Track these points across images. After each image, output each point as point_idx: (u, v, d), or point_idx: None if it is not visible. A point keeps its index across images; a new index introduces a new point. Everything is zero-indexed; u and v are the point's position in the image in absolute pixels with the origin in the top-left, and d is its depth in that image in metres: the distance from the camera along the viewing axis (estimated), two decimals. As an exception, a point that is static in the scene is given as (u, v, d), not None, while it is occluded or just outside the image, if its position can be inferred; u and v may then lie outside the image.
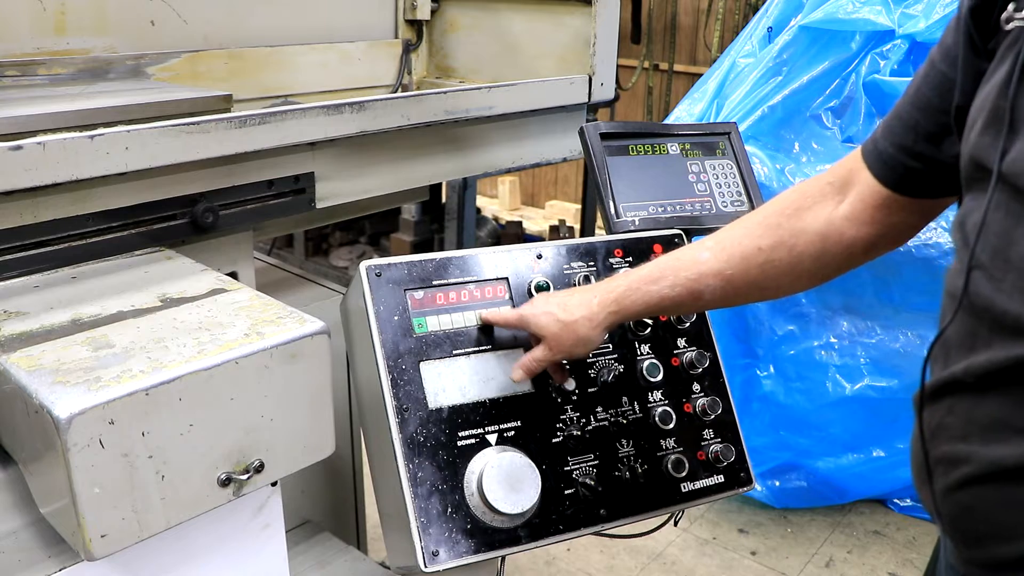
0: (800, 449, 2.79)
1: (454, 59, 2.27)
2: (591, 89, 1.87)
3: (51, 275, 1.18)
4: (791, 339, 2.73)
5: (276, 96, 1.96)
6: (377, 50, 2.18)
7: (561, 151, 1.94)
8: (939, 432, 0.85)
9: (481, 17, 2.17)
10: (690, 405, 1.30)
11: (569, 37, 1.93)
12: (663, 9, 5.72)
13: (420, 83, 2.29)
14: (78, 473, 0.87)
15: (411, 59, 2.26)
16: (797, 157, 2.70)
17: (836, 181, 1.06)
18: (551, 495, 1.17)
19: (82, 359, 0.95)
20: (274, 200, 1.41)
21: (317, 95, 2.03)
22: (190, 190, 1.28)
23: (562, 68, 1.95)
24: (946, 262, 2.45)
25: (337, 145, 1.46)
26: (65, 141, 1.08)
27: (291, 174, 1.42)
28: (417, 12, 2.21)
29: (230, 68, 1.88)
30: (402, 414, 1.12)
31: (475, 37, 2.20)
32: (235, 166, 1.33)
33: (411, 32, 2.26)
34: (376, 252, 4.80)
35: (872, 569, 2.69)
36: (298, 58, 2.01)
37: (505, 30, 2.10)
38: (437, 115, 1.55)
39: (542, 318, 1.14)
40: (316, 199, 1.47)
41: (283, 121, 1.32)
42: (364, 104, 1.43)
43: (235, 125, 1.26)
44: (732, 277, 1.08)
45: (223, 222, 1.34)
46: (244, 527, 1.15)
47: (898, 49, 2.63)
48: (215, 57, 1.85)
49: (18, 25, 1.57)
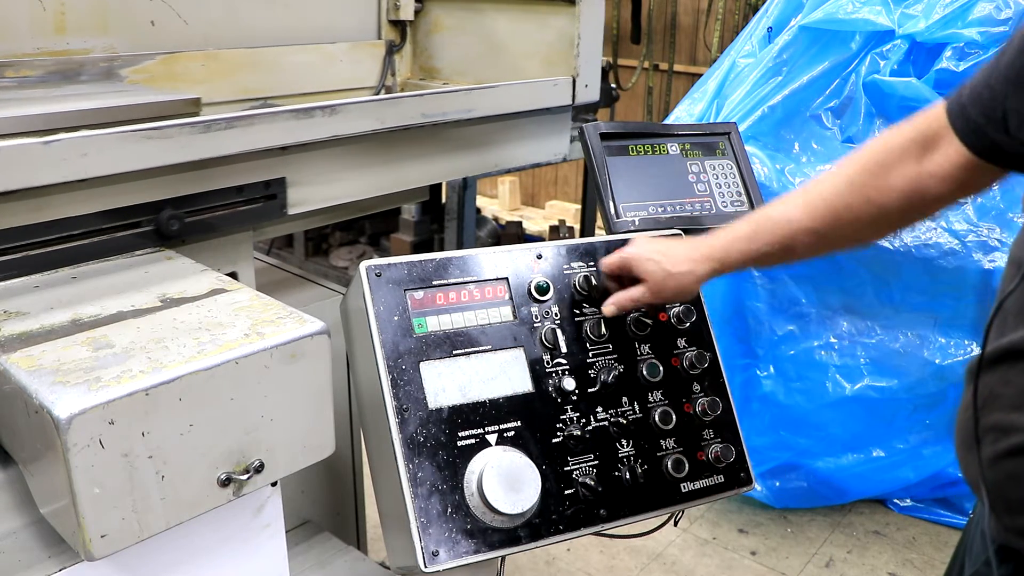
0: (800, 449, 2.79)
1: (439, 60, 2.22)
2: (575, 91, 1.82)
3: (51, 275, 1.18)
4: (791, 339, 2.73)
5: (255, 98, 1.90)
6: (360, 51, 2.13)
7: (545, 154, 1.90)
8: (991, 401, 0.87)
9: (465, 17, 2.13)
10: (690, 405, 1.30)
11: (554, 37, 1.88)
12: (663, 9, 5.73)
13: (404, 85, 2.24)
14: (78, 473, 0.87)
15: (395, 60, 2.22)
16: (797, 157, 2.70)
17: (919, 138, 1.07)
18: (551, 495, 1.17)
19: (82, 359, 0.95)
20: (244, 207, 1.37)
21: (298, 97, 1.98)
22: (154, 197, 1.24)
23: (547, 69, 1.90)
24: (946, 262, 2.46)
25: (310, 149, 1.42)
26: (19, 147, 1.04)
27: (261, 180, 1.37)
28: (400, 12, 2.16)
29: (208, 70, 1.82)
30: (402, 414, 1.12)
31: (459, 38, 2.16)
32: (202, 172, 1.28)
33: (395, 33, 2.21)
34: (376, 252, 4.80)
35: (872, 569, 2.69)
36: (278, 59, 1.95)
37: (490, 31, 2.06)
38: (413, 118, 1.50)
39: (648, 263, 1.23)
40: (288, 205, 1.43)
41: (251, 126, 1.27)
42: (336, 107, 1.37)
43: (200, 130, 1.20)
44: (823, 233, 1.14)
45: (189, 229, 1.30)
46: (244, 527, 1.15)
47: (898, 49, 2.63)
48: (192, 59, 1.80)
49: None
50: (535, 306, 1.25)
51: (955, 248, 2.43)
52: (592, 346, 1.26)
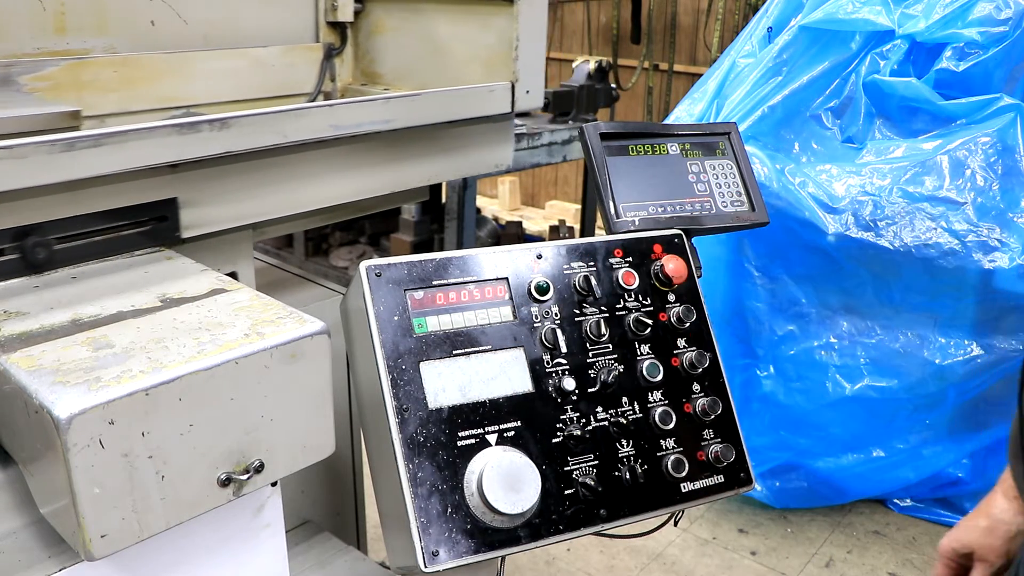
0: (800, 449, 2.79)
1: (381, 64, 2.07)
2: (514, 97, 1.67)
3: (51, 275, 1.18)
4: (791, 339, 2.74)
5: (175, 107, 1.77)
6: (294, 55, 1.98)
7: (485, 165, 1.76)
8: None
9: (407, 18, 1.98)
10: (690, 405, 1.30)
11: (495, 39, 1.73)
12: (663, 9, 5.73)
13: (345, 90, 2.10)
14: (78, 473, 0.87)
15: (335, 64, 2.07)
16: (797, 157, 2.70)
17: None
18: (551, 495, 1.17)
19: (82, 359, 0.95)
20: (130, 230, 1.25)
21: (224, 105, 1.85)
22: (16, 222, 1.12)
23: (489, 73, 1.76)
24: (946, 262, 2.46)
25: (206, 166, 1.29)
26: None
27: (147, 201, 1.25)
28: (338, 13, 2.01)
29: (121, 77, 1.68)
30: (402, 414, 1.12)
31: (401, 40, 2.01)
32: (74, 193, 1.16)
33: (334, 35, 2.06)
34: (376, 252, 4.80)
35: (872, 569, 2.69)
36: (200, 65, 1.80)
37: (432, 32, 1.92)
38: (321, 131, 1.37)
39: None
40: (182, 228, 1.30)
41: (124, 143, 1.13)
42: (227, 121, 1.24)
43: (60, 148, 1.06)
44: None
45: (61, 257, 1.18)
46: (244, 527, 1.15)
47: (898, 49, 2.64)
48: (102, 65, 1.65)
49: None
50: (535, 306, 1.25)
51: (955, 248, 2.43)
52: (592, 346, 1.26)
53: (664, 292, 1.33)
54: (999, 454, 2.74)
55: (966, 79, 2.58)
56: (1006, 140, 2.45)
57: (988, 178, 2.46)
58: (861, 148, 2.67)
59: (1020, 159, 2.44)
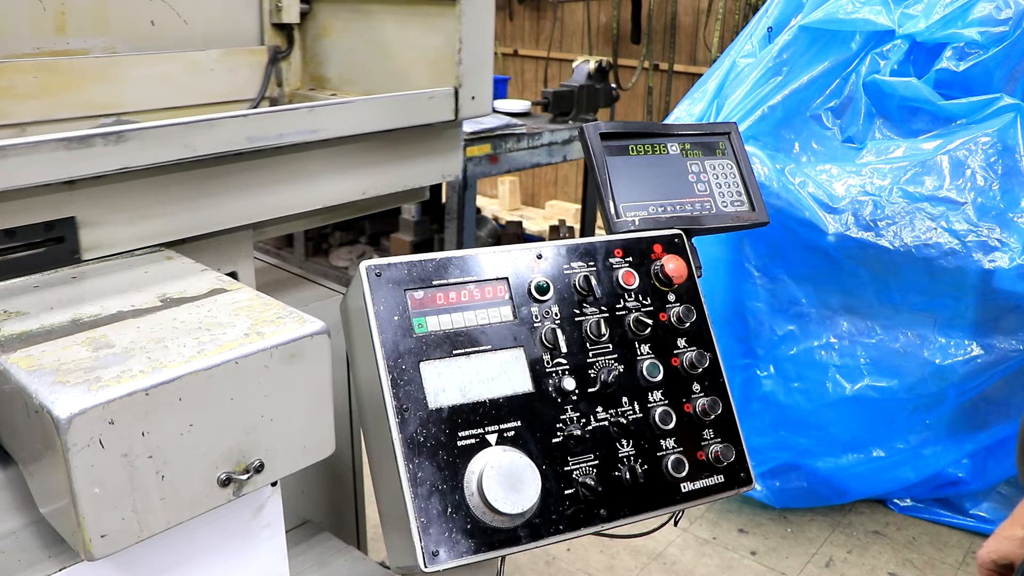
0: (800, 449, 2.79)
1: (328, 68, 1.96)
2: (458, 104, 1.58)
3: (51, 275, 1.18)
4: (791, 339, 2.74)
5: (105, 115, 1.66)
6: (235, 59, 1.87)
7: (430, 175, 1.67)
8: None
9: (353, 19, 1.87)
10: (690, 405, 1.30)
11: (441, 42, 1.63)
12: (663, 9, 5.73)
13: (292, 96, 2.00)
14: (78, 473, 0.87)
15: (281, 68, 1.97)
16: (797, 157, 2.70)
17: None
18: (551, 495, 1.17)
19: (82, 359, 0.95)
20: (21, 252, 1.15)
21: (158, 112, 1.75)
22: None
23: (437, 78, 1.66)
24: (946, 262, 2.46)
25: (107, 183, 1.18)
26: None
27: (40, 221, 1.15)
28: (283, 15, 1.91)
29: (42, 83, 1.57)
30: (402, 414, 1.12)
31: (348, 42, 1.91)
32: None
33: (280, 38, 1.95)
34: (376, 252, 4.80)
35: (872, 569, 2.69)
36: (133, 70, 1.69)
37: (379, 34, 1.82)
38: (236, 143, 1.26)
39: None
40: (82, 249, 1.20)
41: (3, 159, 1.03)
42: (124, 134, 1.13)
43: None
44: None
45: None
46: (244, 527, 1.15)
47: (898, 49, 2.64)
48: (22, 70, 1.55)
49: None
50: (535, 306, 1.25)
51: (955, 248, 2.43)
52: (592, 346, 1.26)
53: (664, 292, 1.33)
54: (999, 454, 2.74)
55: (966, 79, 2.58)
56: (1006, 140, 2.45)
57: (988, 178, 2.46)
58: (861, 148, 2.68)
59: (1020, 159, 2.44)
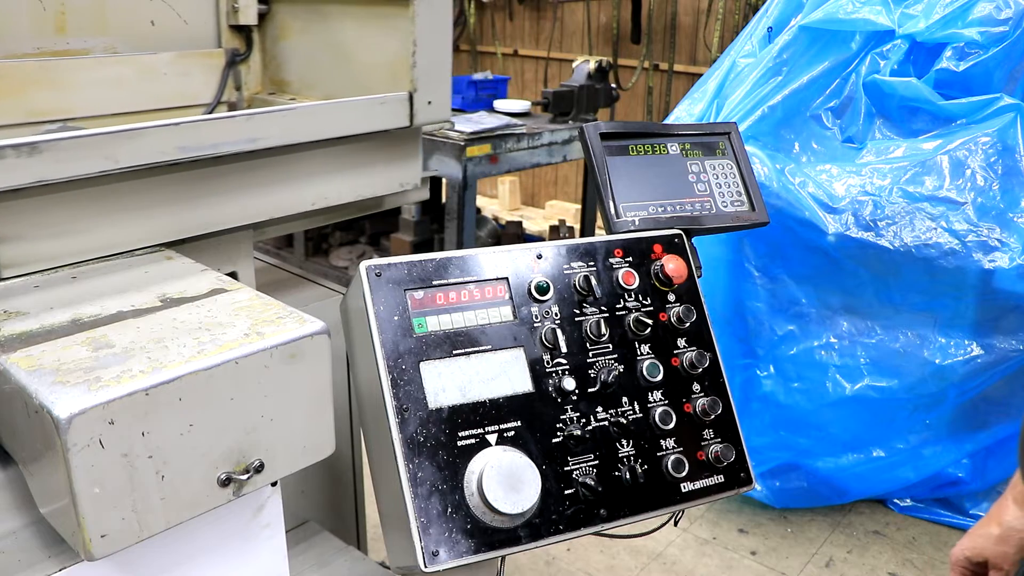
0: (800, 449, 2.79)
1: (288, 71, 1.88)
2: (413, 109, 1.51)
3: (51, 275, 1.18)
4: (791, 339, 2.74)
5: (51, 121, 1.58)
6: (190, 61, 1.79)
7: (386, 184, 1.60)
8: None
9: (312, 20, 1.80)
10: (690, 405, 1.30)
11: (398, 44, 1.56)
12: (663, 9, 5.73)
13: (251, 100, 1.93)
14: (78, 473, 0.87)
15: (240, 72, 1.89)
16: (797, 157, 2.70)
17: None
18: (551, 495, 1.17)
19: (82, 359, 0.95)
20: None
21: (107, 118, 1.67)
22: None
23: (395, 82, 1.59)
24: (946, 262, 2.46)
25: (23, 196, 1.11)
26: None
27: None
28: (240, 16, 1.82)
29: None
30: (402, 414, 1.12)
31: (307, 44, 1.83)
32: None
33: (239, 40, 1.87)
34: (376, 252, 4.80)
35: (872, 569, 2.69)
36: (79, 74, 1.61)
37: (337, 36, 1.75)
38: (165, 154, 1.18)
39: None
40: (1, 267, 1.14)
41: None
42: (38, 145, 1.05)
43: None
44: None
45: None
46: (244, 527, 1.15)
47: (898, 49, 2.64)
48: None
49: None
50: (535, 306, 1.25)
51: (955, 248, 2.43)
52: (592, 346, 1.26)
53: (664, 292, 1.33)
54: (999, 454, 2.74)
55: (966, 79, 2.58)
56: (1006, 140, 2.45)
57: (988, 178, 2.46)
58: (861, 148, 2.68)
59: (1020, 159, 2.44)
